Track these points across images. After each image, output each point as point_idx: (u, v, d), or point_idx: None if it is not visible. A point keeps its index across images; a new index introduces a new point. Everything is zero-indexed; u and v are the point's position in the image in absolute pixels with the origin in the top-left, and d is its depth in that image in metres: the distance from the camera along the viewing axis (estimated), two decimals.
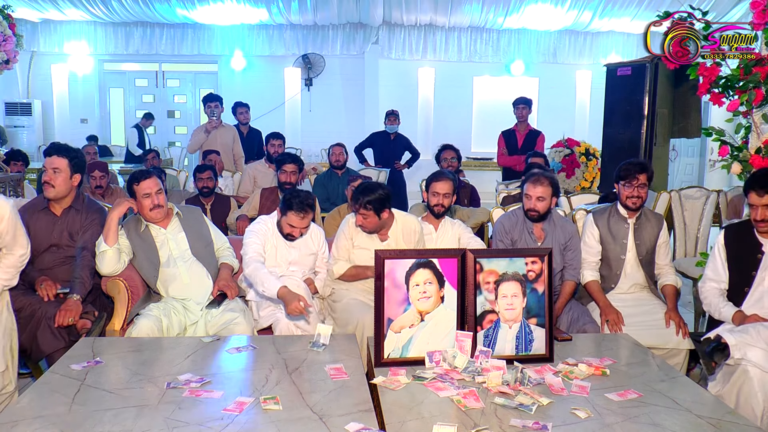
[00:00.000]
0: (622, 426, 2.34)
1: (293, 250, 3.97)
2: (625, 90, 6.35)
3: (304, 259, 4.00)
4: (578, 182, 8.06)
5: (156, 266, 3.76)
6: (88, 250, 3.80)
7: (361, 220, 3.86)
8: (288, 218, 3.85)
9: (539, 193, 3.89)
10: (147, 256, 3.76)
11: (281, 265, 3.93)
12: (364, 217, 3.85)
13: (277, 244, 3.95)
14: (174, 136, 13.44)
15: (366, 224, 3.88)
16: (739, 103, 4.23)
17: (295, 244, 3.97)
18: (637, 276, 4.07)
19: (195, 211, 4.07)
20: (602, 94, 6.78)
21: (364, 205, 3.81)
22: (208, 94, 7.96)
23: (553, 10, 11.43)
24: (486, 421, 2.34)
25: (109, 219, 3.67)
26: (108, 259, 3.64)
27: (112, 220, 3.66)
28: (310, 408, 2.37)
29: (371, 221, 3.87)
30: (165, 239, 3.81)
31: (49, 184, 3.78)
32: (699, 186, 5.91)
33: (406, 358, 2.90)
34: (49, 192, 3.79)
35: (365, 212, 3.83)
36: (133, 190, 3.75)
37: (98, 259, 3.66)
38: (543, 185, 3.88)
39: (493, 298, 3.00)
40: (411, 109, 12.05)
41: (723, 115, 4.55)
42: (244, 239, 3.92)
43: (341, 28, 12.39)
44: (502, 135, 7.82)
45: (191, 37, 12.51)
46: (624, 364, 2.95)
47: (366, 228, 3.91)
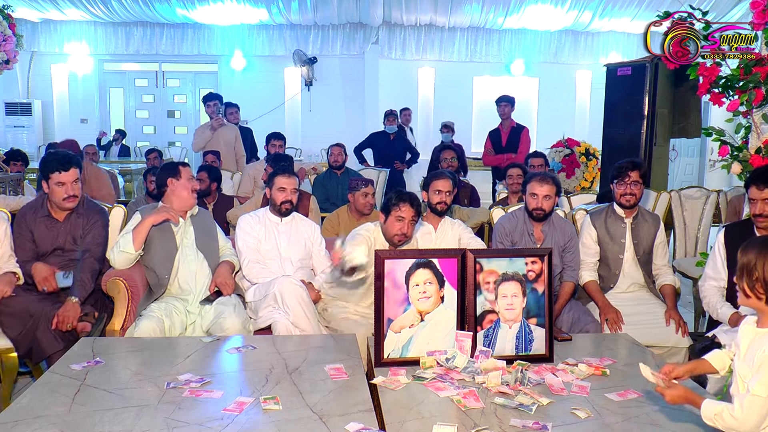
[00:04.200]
0: (622, 426, 2.34)
1: (283, 235, 4.06)
2: (625, 90, 6.35)
3: (296, 247, 4.07)
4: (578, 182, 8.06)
5: (173, 255, 3.76)
6: (91, 252, 3.81)
7: (408, 229, 3.66)
8: (277, 184, 4.03)
9: (546, 192, 3.89)
10: (164, 244, 3.76)
11: (274, 259, 4.00)
12: (412, 224, 3.68)
13: (266, 234, 4.03)
14: (174, 136, 13.42)
15: (409, 232, 3.69)
16: (739, 103, 4.23)
17: (284, 228, 4.06)
18: (635, 275, 4.09)
19: (205, 213, 4.12)
20: (602, 94, 6.77)
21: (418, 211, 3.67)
22: (208, 94, 7.98)
23: (553, 10, 11.43)
24: (486, 421, 2.34)
25: (144, 225, 3.66)
26: (126, 258, 3.65)
27: (146, 226, 3.66)
28: (310, 408, 2.37)
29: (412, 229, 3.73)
30: (178, 229, 3.83)
31: (73, 197, 3.75)
32: (699, 186, 5.91)
33: (406, 358, 2.90)
34: (73, 203, 3.78)
35: (415, 219, 3.69)
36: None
37: (117, 255, 3.65)
38: (549, 184, 3.89)
39: (493, 298, 3.00)
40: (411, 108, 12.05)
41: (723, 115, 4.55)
42: (237, 243, 4.03)
43: (341, 28, 12.38)
44: (488, 135, 7.86)
45: (191, 37, 12.51)
46: (624, 364, 2.95)
47: (408, 236, 3.70)
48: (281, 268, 3.98)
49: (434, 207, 4.14)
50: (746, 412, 1.91)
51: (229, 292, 3.76)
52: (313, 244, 4.17)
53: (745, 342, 2.06)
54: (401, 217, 3.60)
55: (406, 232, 3.63)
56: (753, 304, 2.01)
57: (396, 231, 3.63)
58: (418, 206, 3.64)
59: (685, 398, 2.08)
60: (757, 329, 2.04)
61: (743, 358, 2.04)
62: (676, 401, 2.10)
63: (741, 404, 1.92)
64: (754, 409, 1.90)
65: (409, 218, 3.61)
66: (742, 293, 2.02)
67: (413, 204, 3.61)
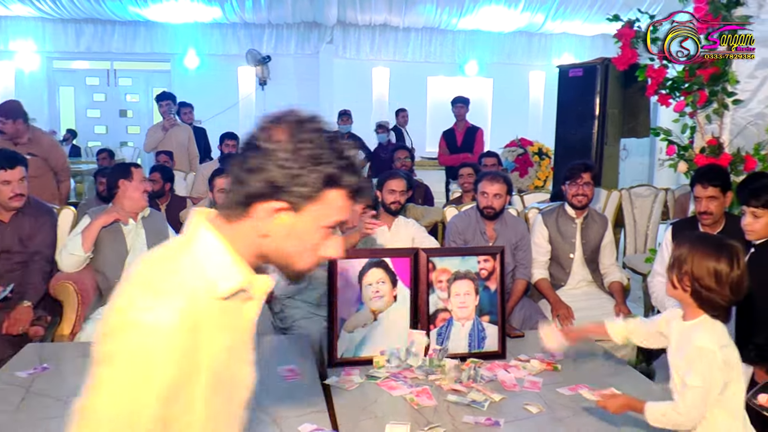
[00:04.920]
0: (572, 420, 2.38)
1: None
2: (576, 91, 6.44)
3: None
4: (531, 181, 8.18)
5: (123, 258, 3.68)
6: (41, 254, 3.71)
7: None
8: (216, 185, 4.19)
9: (496, 190, 3.93)
10: (114, 247, 3.68)
11: None
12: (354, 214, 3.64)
13: None
14: (126, 136, 13.16)
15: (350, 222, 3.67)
16: (685, 104, 4.32)
17: None
18: (584, 273, 4.18)
19: (157, 214, 4.05)
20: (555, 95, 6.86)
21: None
22: (161, 93, 7.84)
23: (506, 12, 11.53)
24: (439, 418, 2.36)
25: (94, 226, 3.59)
26: (76, 260, 3.58)
27: (96, 228, 3.60)
28: (263, 410, 2.36)
29: None
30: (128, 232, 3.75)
31: (19, 196, 3.63)
32: (648, 184, 6.04)
33: (359, 357, 2.91)
34: (19, 202, 3.65)
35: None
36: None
37: (65, 258, 3.58)
38: (499, 182, 3.93)
39: (445, 297, 3.02)
40: (365, 109, 12.03)
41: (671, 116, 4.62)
42: None
43: (295, 27, 12.30)
44: (442, 135, 7.91)
45: (144, 35, 12.27)
46: (575, 360, 3.00)
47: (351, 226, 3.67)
48: None
49: (388, 206, 4.15)
50: (688, 405, 1.97)
51: None
52: None
53: (675, 336, 2.13)
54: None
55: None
56: (679, 295, 2.08)
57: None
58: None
59: (627, 406, 2.14)
60: (683, 323, 2.11)
61: (674, 351, 2.11)
62: (621, 410, 2.15)
63: (683, 398, 1.98)
64: (695, 400, 1.96)
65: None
66: (670, 283, 2.09)
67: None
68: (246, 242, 1.21)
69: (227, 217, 1.21)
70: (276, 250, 1.22)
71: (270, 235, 1.19)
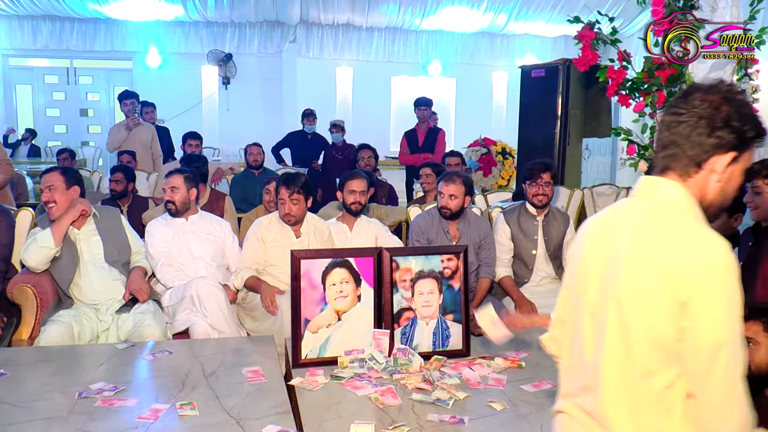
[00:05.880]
0: (536, 416, 2.41)
1: (191, 235, 3.99)
2: (539, 91, 6.51)
3: (207, 246, 4.00)
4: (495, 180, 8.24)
5: (76, 265, 3.62)
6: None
7: (290, 208, 3.84)
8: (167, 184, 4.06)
9: (452, 191, 3.96)
10: (69, 252, 3.61)
11: (186, 260, 3.93)
12: (295, 203, 3.83)
13: (174, 236, 3.96)
14: (87, 136, 12.92)
15: (296, 212, 3.85)
16: (644, 105, 4.41)
17: (191, 228, 4.02)
18: (547, 270, 4.23)
19: (113, 213, 3.96)
20: (518, 95, 6.92)
21: (297, 190, 3.81)
22: (124, 92, 7.73)
23: (469, 12, 11.60)
24: (403, 417, 2.37)
25: (65, 220, 3.55)
26: (46, 255, 3.50)
27: (67, 222, 3.55)
28: (227, 412, 2.35)
29: (300, 208, 3.88)
30: (77, 241, 3.68)
31: None
32: (610, 183, 6.15)
33: (323, 358, 2.91)
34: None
35: (297, 197, 3.82)
36: None
37: (33, 252, 3.50)
38: (456, 183, 3.95)
39: (409, 296, 3.04)
40: (329, 108, 12.00)
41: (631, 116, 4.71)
42: (148, 249, 3.93)
43: (258, 26, 12.22)
44: (404, 135, 7.94)
45: (104, 33, 12.06)
46: (538, 356, 3.03)
47: (294, 217, 3.86)
48: (195, 269, 3.90)
49: (349, 207, 4.15)
50: None
51: (145, 298, 3.65)
52: (225, 242, 4.10)
53: None
54: (282, 200, 3.85)
55: (288, 212, 3.85)
56: None
57: (283, 213, 3.87)
58: (294, 186, 3.81)
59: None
60: None
61: None
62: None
63: None
64: None
65: (287, 199, 3.83)
66: None
67: (288, 186, 3.82)
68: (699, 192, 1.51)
69: (681, 175, 1.50)
70: (722, 192, 1.51)
71: (721, 182, 1.49)
